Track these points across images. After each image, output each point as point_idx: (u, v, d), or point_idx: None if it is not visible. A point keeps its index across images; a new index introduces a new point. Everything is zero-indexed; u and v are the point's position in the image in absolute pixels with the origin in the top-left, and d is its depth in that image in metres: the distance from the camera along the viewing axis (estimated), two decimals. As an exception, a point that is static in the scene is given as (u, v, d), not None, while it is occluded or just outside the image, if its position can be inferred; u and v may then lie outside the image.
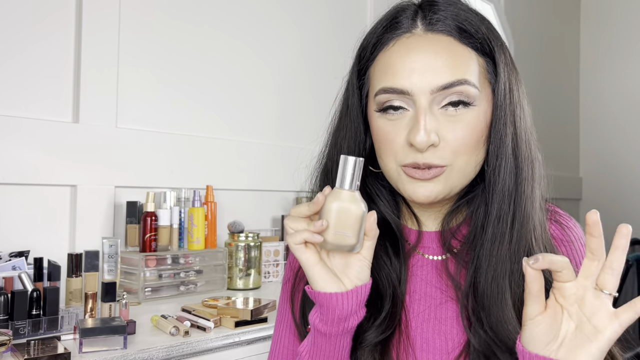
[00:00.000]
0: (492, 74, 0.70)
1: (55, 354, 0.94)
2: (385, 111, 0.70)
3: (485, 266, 0.68)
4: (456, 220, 0.76)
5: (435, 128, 0.66)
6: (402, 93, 0.67)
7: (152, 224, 1.47)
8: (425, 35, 0.69)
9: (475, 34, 0.69)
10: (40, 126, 1.40)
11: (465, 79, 0.67)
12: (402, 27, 0.71)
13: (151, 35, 1.66)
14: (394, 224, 0.76)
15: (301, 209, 0.65)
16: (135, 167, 1.58)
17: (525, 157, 0.70)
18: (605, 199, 3.67)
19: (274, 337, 0.84)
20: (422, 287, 0.74)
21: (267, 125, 1.98)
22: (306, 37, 2.11)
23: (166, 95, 1.69)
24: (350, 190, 0.63)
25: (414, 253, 0.76)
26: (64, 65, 1.47)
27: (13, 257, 1.23)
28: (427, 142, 0.65)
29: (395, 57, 0.69)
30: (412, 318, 0.72)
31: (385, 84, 0.69)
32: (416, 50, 0.68)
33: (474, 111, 0.68)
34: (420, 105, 0.67)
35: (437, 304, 0.72)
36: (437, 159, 0.67)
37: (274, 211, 1.98)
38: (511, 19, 3.11)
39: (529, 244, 0.69)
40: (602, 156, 3.74)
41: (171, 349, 1.06)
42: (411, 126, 0.67)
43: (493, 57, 0.70)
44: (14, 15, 1.39)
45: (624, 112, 3.65)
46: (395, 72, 0.68)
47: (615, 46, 3.72)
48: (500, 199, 0.69)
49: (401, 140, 0.68)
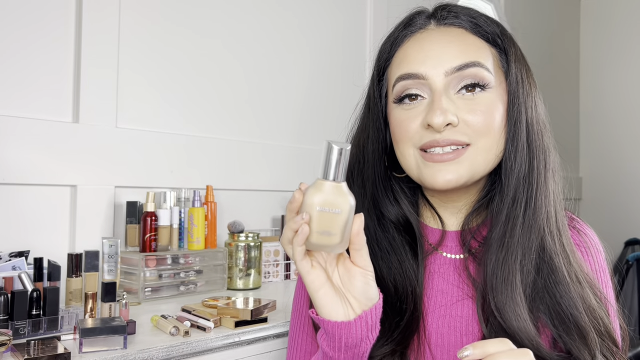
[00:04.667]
0: (505, 65, 0.72)
1: (55, 354, 0.94)
2: (402, 101, 0.71)
3: (496, 249, 0.68)
4: (476, 221, 0.76)
5: (453, 110, 0.68)
6: (417, 78, 0.69)
7: (152, 224, 1.47)
8: (438, 29, 0.72)
9: (486, 27, 0.72)
10: (40, 126, 1.40)
11: (479, 61, 0.69)
12: (416, 25, 0.74)
13: (151, 35, 1.66)
14: (414, 223, 0.75)
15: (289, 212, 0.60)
16: (135, 167, 1.58)
17: (538, 146, 0.71)
18: (605, 199, 3.66)
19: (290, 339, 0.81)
20: (439, 284, 0.74)
21: (267, 125, 1.98)
22: (307, 38, 2.11)
23: (166, 95, 1.69)
24: (335, 181, 0.56)
25: (434, 251, 0.76)
26: (64, 65, 1.47)
27: (13, 257, 1.23)
28: (445, 121, 0.66)
29: (411, 49, 0.72)
30: (427, 314, 0.72)
31: (402, 72, 0.71)
32: (429, 40, 0.71)
33: (491, 94, 0.69)
34: (436, 88, 0.68)
35: (453, 302, 0.72)
36: (459, 135, 0.67)
37: (274, 211, 1.98)
38: (511, 19, 3.11)
39: (542, 232, 0.69)
40: (602, 156, 3.74)
41: (171, 349, 1.06)
42: (428, 109, 0.68)
43: (505, 50, 0.72)
44: (14, 15, 1.39)
45: (624, 112, 3.64)
46: (410, 61, 0.71)
47: (615, 46, 3.72)
48: (516, 183, 0.69)
49: (417, 124, 0.70)
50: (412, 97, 0.70)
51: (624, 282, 2.85)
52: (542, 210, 0.69)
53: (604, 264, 0.76)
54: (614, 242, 3.49)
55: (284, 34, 2.03)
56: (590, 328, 0.65)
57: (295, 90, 2.07)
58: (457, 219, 0.77)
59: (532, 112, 0.71)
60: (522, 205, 0.69)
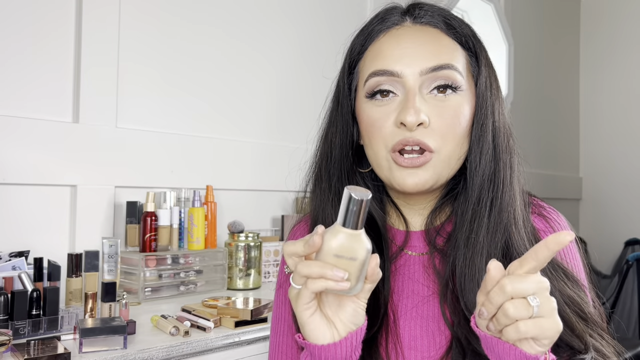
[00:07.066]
0: (475, 68, 0.74)
1: (55, 354, 0.94)
2: (374, 97, 0.71)
3: (463, 248, 0.70)
4: (440, 219, 0.77)
5: (425, 110, 0.69)
6: (392, 75, 0.70)
7: (152, 224, 1.47)
8: (413, 27, 0.73)
9: (459, 29, 0.73)
10: (40, 126, 1.40)
11: (452, 64, 0.70)
12: (391, 21, 0.74)
13: (151, 35, 1.66)
14: (380, 222, 0.76)
15: (296, 248, 0.58)
16: (135, 167, 1.58)
17: (503, 148, 0.73)
18: (605, 199, 3.67)
19: (271, 345, 0.81)
20: (408, 285, 0.74)
21: (268, 125, 1.98)
22: (306, 38, 2.11)
23: (166, 95, 1.69)
24: (353, 229, 0.56)
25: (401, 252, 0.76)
26: (64, 65, 1.47)
27: (13, 257, 1.23)
28: (417, 120, 0.67)
29: (386, 45, 0.72)
30: (400, 317, 0.73)
31: (376, 68, 0.71)
32: (405, 38, 0.71)
33: (461, 97, 0.71)
34: (410, 86, 0.69)
35: (423, 302, 0.73)
36: (427, 138, 0.69)
37: (274, 211, 1.98)
38: (511, 19, 3.11)
39: (508, 232, 0.70)
40: (602, 156, 3.74)
41: (171, 349, 1.06)
42: (401, 108, 0.69)
43: (475, 53, 0.74)
44: (14, 15, 1.39)
45: (624, 112, 3.65)
46: (385, 57, 0.71)
47: (615, 46, 3.72)
48: (480, 183, 0.71)
49: (390, 123, 0.70)
50: (384, 93, 0.71)
51: (624, 282, 2.84)
52: (509, 214, 0.70)
53: (574, 250, 0.76)
54: (614, 242, 3.49)
55: (285, 34, 2.04)
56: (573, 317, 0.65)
57: (296, 91, 2.07)
58: (422, 218, 0.78)
59: (498, 116, 0.73)
60: (487, 205, 0.70)
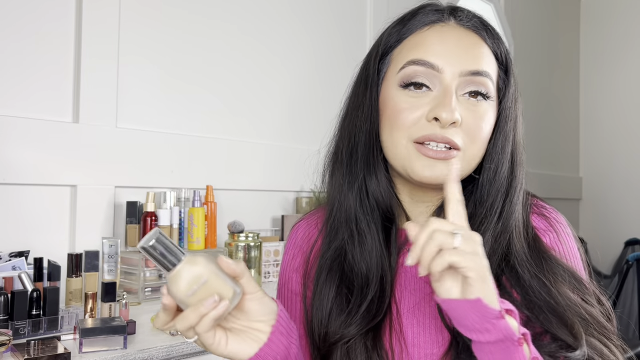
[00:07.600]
0: (502, 81, 0.75)
1: (55, 354, 0.94)
2: (407, 87, 0.71)
3: None
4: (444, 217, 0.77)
5: (460, 111, 0.69)
6: (432, 68, 0.70)
7: (152, 224, 1.47)
8: (458, 28, 0.73)
9: (498, 43, 0.75)
10: (40, 126, 1.40)
11: (489, 72, 0.71)
12: (435, 17, 0.74)
13: (151, 36, 1.66)
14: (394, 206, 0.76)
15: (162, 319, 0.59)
16: (135, 167, 1.58)
17: (519, 162, 0.75)
18: (605, 199, 3.67)
19: None
20: (412, 282, 0.75)
21: (268, 126, 1.98)
22: (310, 38, 2.11)
23: (166, 95, 1.69)
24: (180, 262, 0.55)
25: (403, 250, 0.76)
26: (64, 65, 1.47)
27: (13, 257, 1.23)
28: (453, 118, 0.68)
29: (430, 38, 0.72)
30: (403, 312, 0.73)
31: (416, 56, 0.71)
32: (450, 37, 0.72)
33: (489, 105, 0.72)
34: (449, 84, 0.69)
35: (426, 299, 0.73)
36: (456, 137, 0.69)
37: (274, 211, 1.98)
38: (511, 19, 3.11)
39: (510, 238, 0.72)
40: (602, 156, 3.74)
41: (171, 349, 1.06)
42: (435, 103, 0.69)
43: (506, 67, 0.75)
44: (14, 15, 1.39)
45: (623, 112, 3.65)
46: (427, 49, 0.71)
47: (615, 47, 3.72)
48: (495, 192, 0.72)
49: (418, 115, 0.70)
50: (418, 85, 0.71)
51: (624, 282, 2.84)
52: (514, 218, 0.73)
53: (575, 249, 0.77)
54: (614, 242, 3.49)
55: (285, 34, 2.03)
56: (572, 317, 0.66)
57: (296, 91, 2.07)
58: (426, 217, 0.78)
59: (519, 130, 0.76)
60: (497, 212, 0.72)
